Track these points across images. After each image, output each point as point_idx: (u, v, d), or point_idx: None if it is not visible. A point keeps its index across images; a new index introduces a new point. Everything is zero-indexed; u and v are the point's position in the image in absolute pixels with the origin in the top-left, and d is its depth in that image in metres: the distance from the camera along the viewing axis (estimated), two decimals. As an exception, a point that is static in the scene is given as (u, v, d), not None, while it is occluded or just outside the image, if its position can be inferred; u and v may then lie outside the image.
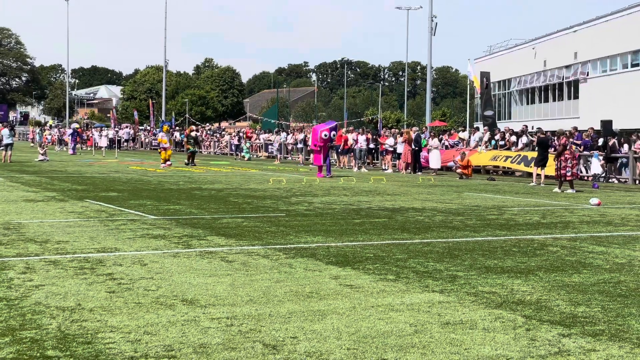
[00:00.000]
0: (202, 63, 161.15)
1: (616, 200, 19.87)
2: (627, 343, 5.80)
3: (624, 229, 13.44)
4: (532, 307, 7.00)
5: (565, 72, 55.39)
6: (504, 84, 64.91)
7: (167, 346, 5.53)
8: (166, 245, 10.56)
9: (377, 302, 7.09)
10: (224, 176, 28.21)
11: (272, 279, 8.14)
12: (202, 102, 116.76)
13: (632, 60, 47.28)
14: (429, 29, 49.04)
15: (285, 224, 13.25)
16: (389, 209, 16.34)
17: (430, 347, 5.61)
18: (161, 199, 17.93)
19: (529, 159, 30.33)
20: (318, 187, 22.69)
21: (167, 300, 7.04)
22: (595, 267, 9.28)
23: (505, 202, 18.57)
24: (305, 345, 5.61)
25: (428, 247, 10.73)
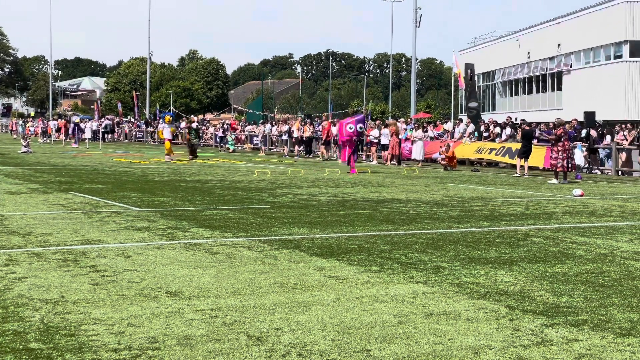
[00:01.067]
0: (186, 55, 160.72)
1: (599, 191, 19.99)
2: (609, 333, 5.84)
3: (607, 219, 13.52)
4: (515, 297, 7.04)
5: (548, 64, 55.61)
6: (488, 75, 65.08)
7: (151, 338, 5.53)
8: (150, 237, 10.54)
9: (362, 293, 7.11)
10: (208, 168, 28.16)
11: (257, 271, 8.15)
12: (187, 93, 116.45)
13: (614, 52, 47.52)
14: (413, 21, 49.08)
15: (269, 215, 13.24)
16: (373, 200, 16.37)
17: (414, 338, 5.63)
18: (145, 191, 17.87)
19: (513, 151, 30.44)
20: (303, 179, 22.70)
21: (151, 292, 7.03)
22: (578, 257, 9.33)
23: (489, 194, 18.64)
24: (290, 337, 5.62)
25: (412, 238, 10.76)
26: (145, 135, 66.51)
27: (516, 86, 61.10)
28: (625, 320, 6.21)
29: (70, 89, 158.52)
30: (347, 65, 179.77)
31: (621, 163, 28.73)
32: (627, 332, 5.85)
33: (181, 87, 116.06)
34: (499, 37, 64.10)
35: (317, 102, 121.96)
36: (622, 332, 5.87)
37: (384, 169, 29.61)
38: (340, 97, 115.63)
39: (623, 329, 5.96)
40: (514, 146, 30.62)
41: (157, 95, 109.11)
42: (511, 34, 61.54)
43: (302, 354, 5.20)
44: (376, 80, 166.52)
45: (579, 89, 50.24)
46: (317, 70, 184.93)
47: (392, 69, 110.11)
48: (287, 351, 5.26)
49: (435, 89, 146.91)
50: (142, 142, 65.32)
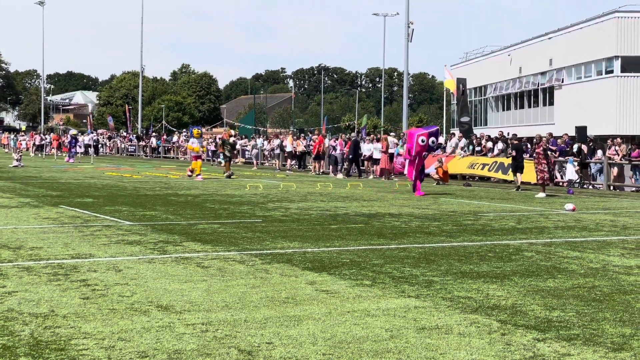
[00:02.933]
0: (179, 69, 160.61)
1: (591, 206, 20.02)
2: (601, 347, 5.83)
3: (599, 234, 13.53)
4: (507, 311, 7.02)
5: (540, 79, 55.82)
6: (480, 90, 65.29)
7: (141, 352, 5.49)
8: (141, 251, 10.50)
9: (353, 308, 7.09)
10: (200, 182, 28.11)
11: (248, 285, 8.11)
12: (179, 108, 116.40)
13: (606, 67, 47.75)
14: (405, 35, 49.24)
15: (261, 229, 13.22)
16: (365, 214, 16.36)
17: (405, 352, 5.61)
18: (137, 204, 17.83)
19: (505, 166, 30.49)
20: (294, 193, 22.68)
21: (141, 306, 6.99)
22: (570, 272, 9.33)
23: (481, 208, 18.64)
24: (281, 351, 5.59)
25: (404, 252, 10.74)
26: (137, 149, 66.43)
27: (508, 101, 61.30)
28: (617, 335, 6.20)
29: (62, 103, 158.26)
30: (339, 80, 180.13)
31: (613, 178, 28.80)
32: (619, 347, 5.84)
33: (173, 101, 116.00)
34: (490, 52, 64.35)
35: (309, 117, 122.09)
36: (614, 346, 5.86)
37: (376, 183, 29.61)
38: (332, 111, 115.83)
39: (615, 343, 5.95)
40: (506, 161, 30.65)
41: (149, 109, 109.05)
42: (503, 49, 61.80)
43: (294, 369, 5.17)
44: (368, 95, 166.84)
45: (571, 104, 50.43)
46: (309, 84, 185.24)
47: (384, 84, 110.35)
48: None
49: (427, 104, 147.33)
50: (134, 156, 65.23)
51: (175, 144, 62.48)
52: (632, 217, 17.03)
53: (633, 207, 19.85)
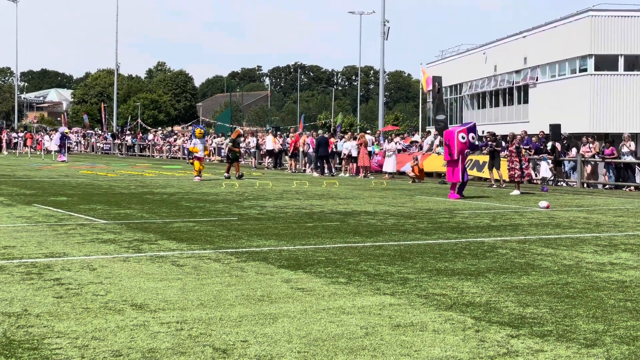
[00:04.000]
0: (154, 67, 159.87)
1: (564, 203, 20.18)
2: (574, 343, 5.87)
3: (572, 231, 13.64)
4: (481, 308, 7.06)
5: (515, 77, 56.15)
6: (456, 88, 65.56)
7: (115, 351, 5.46)
8: (116, 249, 10.44)
9: (329, 305, 7.09)
10: (176, 180, 28.02)
11: (223, 283, 8.10)
12: (155, 106, 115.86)
13: (580, 65, 48.12)
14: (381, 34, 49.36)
15: (237, 227, 13.19)
16: (341, 212, 16.38)
17: (380, 350, 5.62)
18: (112, 203, 17.73)
19: (480, 164, 30.66)
20: (271, 191, 22.66)
21: (116, 305, 6.95)
22: (544, 268, 9.40)
23: (457, 205, 18.73)
24: (256, 349, 5.58)
25: (380, 250, 10.77)
26: (112, 148, 66.08)
27: (483, 99, 61.61)
28: (590, 331, 6.26)
29: (36, 100, 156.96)
30: (316, 78, 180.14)
31: (586, 175, 29.05)
32: (592, 343, 5.89)
33: (149, 99, 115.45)
34: (466, 50, 64.63)
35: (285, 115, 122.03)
36: (587, 342, 5.91)
37: (352, 181, 29.65)
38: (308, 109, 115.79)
39: (588, 339, 6.00)
40: (481, 159, 30.83)
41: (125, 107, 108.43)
42: (478, 47, 62.10)
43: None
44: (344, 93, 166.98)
45: (545, 102, 50.77)
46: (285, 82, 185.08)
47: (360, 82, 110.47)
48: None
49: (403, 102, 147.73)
50: (109, 154, 64.86)
51: (150, 142, 62.23)
52: (605, 214, 17.19)
53: (606, 205, 20.03)
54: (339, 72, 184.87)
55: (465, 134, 21.08)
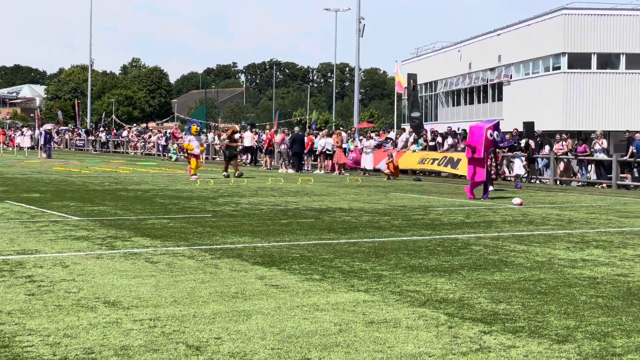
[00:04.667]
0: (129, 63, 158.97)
1: (538, 200, 20.32)
2: (545, 339, 5.92)
3: (545, 228, 13.75)
4: (454, 305, 7.10)
5: (489, 75, 56.44)
6: (431, 85, 65.78)
7: (87, 349, 5.43)
8: (89, 246, 10.38)
9: (303, 302, 7.10)
10: (150, 177, 27.88)
11: (197, 280, 8.07)
12: (129, 102, 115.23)
13: (553, 63, 48.45)
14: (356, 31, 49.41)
15: (211, 224, 13.16)
16: (316, 209, 16.39)
17: (354, 346, 5.63)
18: (85, 200, 17.61)
19: (454, 161, 30.79)
20: (245, 188, 22.61)
21: (88, 303, 6.91)
22: (517, 265, 9.46)
23: (431, 202, 18.80)
24: (229, 346, 5.58)
25: (354, 247, 10.79)
26: (86, 144, 65.63)
27: (458, 96, 61.86)
28: (561, 327, 6.31)
29: (9, 96, 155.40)
30: (291, 75, 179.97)
31: (559, 173, 29.28)
32: (564, 339, 5.94)
33: (123, 96, 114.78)
34: (441, 47, 64.84)
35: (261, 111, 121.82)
36: (558, 338, 5.96)
37: (327, 178, 29.66)
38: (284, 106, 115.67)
39: (559, 335, 6.05)
40: (455, 156, 30.97)
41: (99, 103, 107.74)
42: (453, 45, 62.32)
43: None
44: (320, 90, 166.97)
45: (519, 100, 51.07)
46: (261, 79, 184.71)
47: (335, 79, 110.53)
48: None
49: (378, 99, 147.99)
50: (82, 150, 64.42)
51: (125, 139, 61.88)
52: (577, 211, 17.33)
53: (579, 201, 20.20)
54: (315, 69, 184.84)
55: (492, 131, 20.14)
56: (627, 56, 47.10)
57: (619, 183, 27.15)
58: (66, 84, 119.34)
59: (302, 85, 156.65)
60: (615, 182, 27.12)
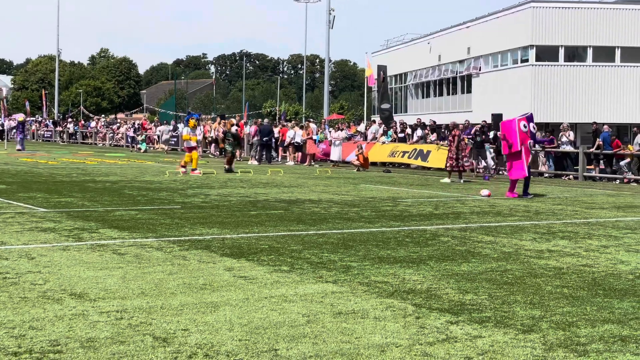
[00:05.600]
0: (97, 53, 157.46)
1: (505, 192, 20.43)
2: (511, 329, 5.98)
3: (512, 219, 13.86)
4: (422, 295, 7.14)
5: (458, 67, 56.68)
6: (401, 77, 65.93)
7: (53, 341, 5.39)
8: (56, 238, 10.29)
9: (271, 293, 7.10)
10: (119, 168, 27.69)
11: (165, 272, 8.04)
12: (98, 93, 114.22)
13: (521, 56, 48.75)
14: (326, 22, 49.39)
15: (180, 216, 13.10)
16: (285, 200, 16.38)
17: (321, 337, 5.65)
18: (52, 191, 17.45)
19: (424, 153, 30.92)
20: (215, 179, 22.54)
21: (54, 295, 6.86)
22: (484, 256, 9.54)
23: (400, 194, 18.87)
24: (197, 337, 5.56)
25: (323, 238, 10.80)
26: (53, 135, 65.00)
27: (427, 88, 62.07)
28: (527, 317, 6.37)
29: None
30: (261, 66, 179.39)
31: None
32: (529, 329, 6.00)
33: (92, 86, 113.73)
34: (410, 39, 64.97)
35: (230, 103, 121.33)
36: (524, 328, 6.02)
37: (297, 170, 29.65)
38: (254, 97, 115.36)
39: (525, 325, 6.11)
40: (425, 148, 31.10)
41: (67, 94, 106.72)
42: (423, 36, 62.47)
43: (209, 355, 5.15)
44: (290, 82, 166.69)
45: (488, 92, 51.36)
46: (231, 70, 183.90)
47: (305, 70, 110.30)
48: (194, 352, 5.21)
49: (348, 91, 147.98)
50: (50, 141, 63.78)
51: (93, 130, 61.36)
52: (544, 202, 17.49)
53: (545, 193, 20.38)
54: (285, 60, 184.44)
55: (526, 122, 18.86)
56: (594, 49, 47.55)
57: (586, 175, 27.44)
58: (33, 74, 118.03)
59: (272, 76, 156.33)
60: (582, 173, 27.41)
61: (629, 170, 26.27)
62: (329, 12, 49.10)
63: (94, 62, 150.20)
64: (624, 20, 47.34)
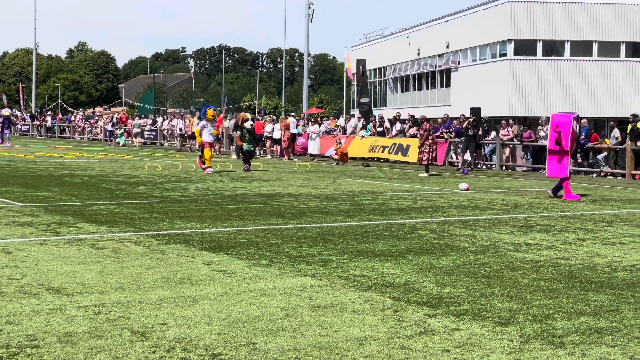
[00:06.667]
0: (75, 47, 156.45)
1: (483, 186, 20.57)
2: (488, 322, 6.02)
3: (490, 212, 13.93)
4: (400, 289, 7.17)
5: (437, 61, 56.81)
6: (380, 71, 65.99)
7: (30, 335, 5.37)
8: (33, 232, 10.23)
9: (250, 287, 7.10)
10: (97, 162, 27.54)
11: (144, 266, 8.02)
12: (76, 86, 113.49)
13: (500, 50, 48.95)
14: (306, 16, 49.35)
15: (159, 210, 13.06)
16: (264, 194, 16.37)
17: (300, 330, 5.66)
18: (30, 185, 17.33)
19: (404, 147, 30.98)
20: (194, 174, 22.48)
21: (32, 289, 6.82)
22: (462, 249, 9.58)
23: (379, 188, 18.92)
24: (175, 331, 5.56)
25: (302, 232, 10.81)
26: (30, 129, 64.53)
27: (406, 82, 62.18)
28: (504, 310, 6.42)
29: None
30: (241, 60, 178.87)
31: (505, 158, 29.67)
32: (506, 321, 6.04)
33: (69, 80, 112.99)
34: (390, 33, 65.03)
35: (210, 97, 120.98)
36: (501, 321, 6.06)
37: (276, 164, 29.63)
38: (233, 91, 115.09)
39: (502, 317, 6.15)
40: (405, 142, 31.17)
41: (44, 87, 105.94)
42: (402, 30, 62.55)
43: (187, 349, 5.15)
44: (269, 75, 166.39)
45: (466, 86, 51.53)
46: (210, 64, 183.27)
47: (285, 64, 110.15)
48: (172, 346, 5.20)
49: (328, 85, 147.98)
50: (27, 135, 63.30)
51: (71, 124, 60.97)
52: (522, 196, 17.59)
53: (524, 186, 20.50)
54: (264, 54, 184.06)
55: (576, 122, 17.43)
56: (572, 43, 47.83)
57: (563, 168, 27.58)
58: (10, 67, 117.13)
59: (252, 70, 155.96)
60: (560, 167, 27.55)
61: (606, 164, 26.46)
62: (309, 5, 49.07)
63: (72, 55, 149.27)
64: (601, 15, 47.66)
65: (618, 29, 47.71)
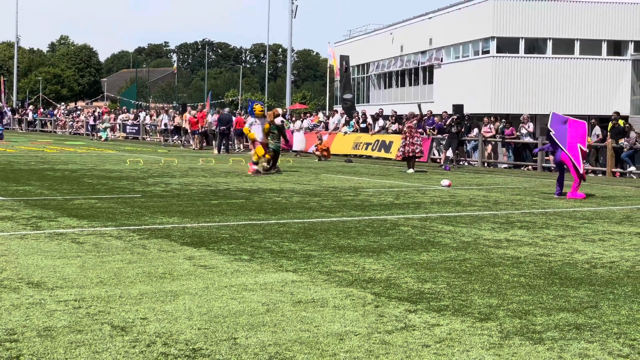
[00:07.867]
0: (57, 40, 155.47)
1: (465, 182, 20.65)
2: (469, 317, 6.04)
3: (472, 209, 13.99)
4: (381, 284, 7.19)
5: (420, 58, 56.92)
6: (363, 67, 66.04)
7: (9, 330, 5.34)
8: (13, 226, 10.17)
9: (231, 282, 7.10)
10: (78, 157, 27.41)
11: (125, 260, 8.00)
12: (58, 80, 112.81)
13: (482, 47, 49.11)
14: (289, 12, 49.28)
15: (140, 205, 13.02)
16: (247, 190, 16.35)
17: (281, 325, 5.66)
18: (10, 179, 17.23)
19: (387, 144, 31.04)
20: (176, 169, 22.42)
21: (11, 284, 6.78)
22: (443, 245, 9.62)
23: (362, 184, 18.94)
24: (156, 326, 5.55)
25: (284, 227, 10.81)
26: (12, 123, 64.11)
27: (390, 79, 62.27)
28: (484, 305, 6.45)
29: None
30: (224, 55, 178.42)
31: (487, 155, 29.79)
32: (486, 317, 6.07)
33: (51, 74, 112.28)
34: (373, 30, 65.10)
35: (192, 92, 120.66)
36: (481, 316, 6.09)
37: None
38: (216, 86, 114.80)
39: (482, 313, 6.18)
40: (387, 139, 31.22)
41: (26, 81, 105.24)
42: (385, 27, 62.62)
43: (168, 344, 5.14)
44: (253, 71, 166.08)
45: (449, 83, 51.68)
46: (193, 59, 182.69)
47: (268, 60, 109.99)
48: (152, 341, 5.19)
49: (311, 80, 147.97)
50: (8, 129, 62.88)
51: (52, 118, 60.62)
52: (503, 192, 17.67)
53: (505, 183, 20.60)
54: (248, 49, 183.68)
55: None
56: (554, 41, 48.06)
57: (544, 165, 27.76)
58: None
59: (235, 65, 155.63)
60: (540, 164, 27.73)
61: (586, 161, 26.61)
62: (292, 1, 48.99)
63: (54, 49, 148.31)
64: (583, 13, 47.92)
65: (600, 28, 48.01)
